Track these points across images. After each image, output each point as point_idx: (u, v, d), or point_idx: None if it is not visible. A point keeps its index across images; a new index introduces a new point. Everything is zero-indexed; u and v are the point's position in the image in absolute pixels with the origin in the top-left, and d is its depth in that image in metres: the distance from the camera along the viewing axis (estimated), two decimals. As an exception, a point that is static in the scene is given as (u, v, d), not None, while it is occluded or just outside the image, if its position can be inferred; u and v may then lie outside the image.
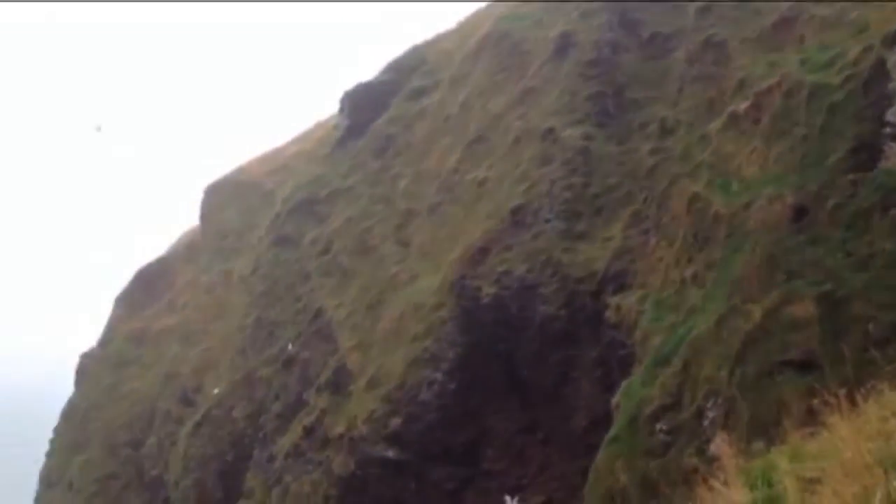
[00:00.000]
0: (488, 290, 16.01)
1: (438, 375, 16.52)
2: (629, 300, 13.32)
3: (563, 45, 18.01)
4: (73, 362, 30.85)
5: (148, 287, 29.71)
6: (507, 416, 15.72)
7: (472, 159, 18.75)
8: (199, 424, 22.90)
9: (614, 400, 11.47)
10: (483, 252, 16.55)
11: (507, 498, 14.24)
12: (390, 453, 16.91)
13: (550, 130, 16.51)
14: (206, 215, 30.10)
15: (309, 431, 19.19)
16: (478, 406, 16.05)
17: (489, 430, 15.91)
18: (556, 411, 14.85)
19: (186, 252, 29.76)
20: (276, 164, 29.55)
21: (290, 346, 21.53)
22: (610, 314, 13.59)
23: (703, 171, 13.06)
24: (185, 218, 32.79)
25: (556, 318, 14.82)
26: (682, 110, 15.18)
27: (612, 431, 10.71)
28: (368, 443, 17.22)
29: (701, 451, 8.44)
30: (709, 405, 9.24)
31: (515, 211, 16.18)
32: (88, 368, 29.38)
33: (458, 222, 18.23)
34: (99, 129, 31.82)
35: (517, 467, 15.32)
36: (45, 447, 30.53)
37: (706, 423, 9.13)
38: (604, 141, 16.01)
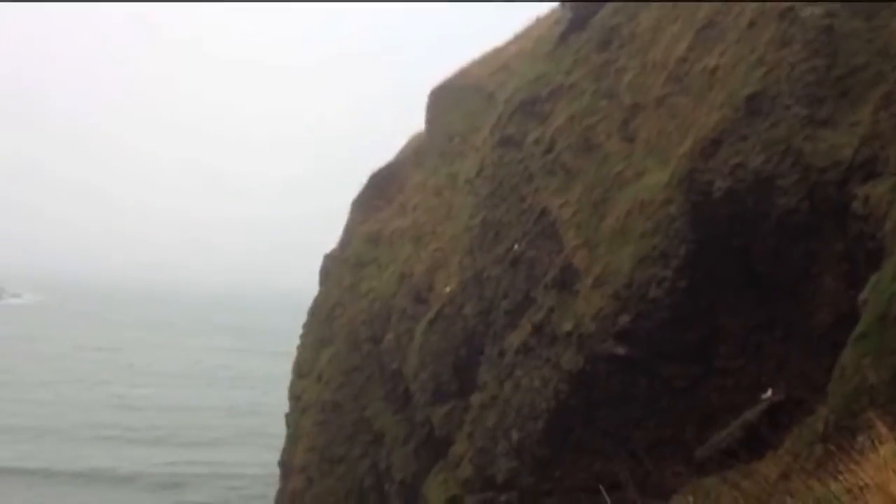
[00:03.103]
0: (721, 184, 15.29)
1: (668, 273, 16.13)
2: (879, 189, 12.27)
3: (803, -85, 16.46)
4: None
5: (381, 191, 30.90)
6: (743, 314, 15.14)
7: (703, 46, 17.72)
8: (432, 321, 23.83)
9: (861, 296, 10.75)
10: (715, 144, 15.76)
11: (769, 391, 13.85)
12: (620, 350, 16.84)
13: (789, 9, 15.23)
14: (431, 119, 30.73)
15: (537, 328, 19.45)
16: (710, 303, 15.58)
17: (723, 328, 15.43)
18: (795, 308, 14.12)
19: (414, 156, 30.59)
20: (497, 65, 29.47)
21: (515, 246, 21.76)
22: (857, 205, 12.59)
23: (966, 43, 11.70)
24: (414, 123, 33.61)
25: (796, 210, 13.95)
26: (941, -23, 13.55)
27: (860, 328, 10.07)
28: (597, 340, 17.23)
29: (964, 348, 7.82)
30: (972, 300, 8.47)
31: (751, 98, 15.18)
32: (331, 269, 31.21)
33: (688, 114, 17.43)
34: None
35: (753, 365, 14.81)
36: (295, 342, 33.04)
37: (969, 318, 8.39)
38: (849, 17, 14.56)
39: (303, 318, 32.80)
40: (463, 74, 31.30)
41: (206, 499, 47.03)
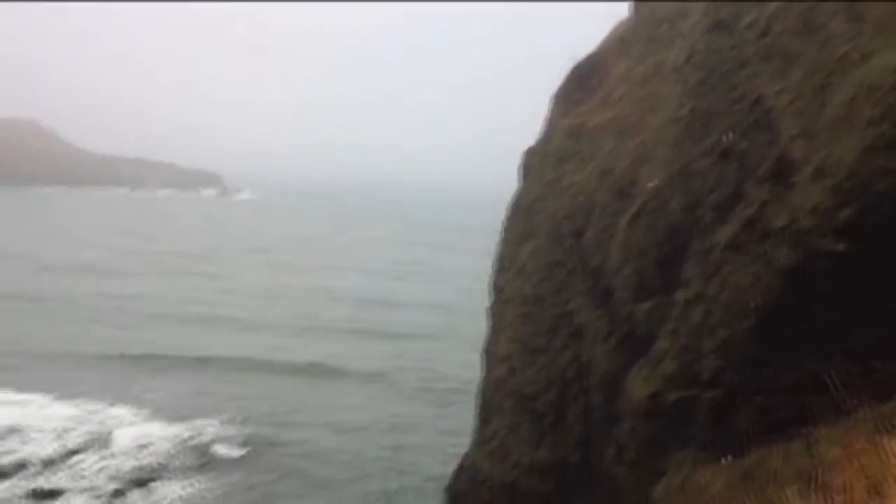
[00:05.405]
0: (962, 65, 13.90)
1: (898, 163, 14.97)
2: None
3: None
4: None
5: (582, 83, 30.12)
6: None
7: None
8: (635, 217, 23.36)
9: None
10: (956, 21, 14.28)
11: None
12: (839, 247, 15.94)
13: None
14: (638, 5, 29.49)
15: (748, 223, 18.71)
16: (947, 196, 14.37)
17: (960, 223, 14.23)
18: None
19: (618, 45, 29.51)
20: (709, -55, 27.73)
21: (726, 137, 20.85)
22: None
23: None
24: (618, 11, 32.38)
25: None
26: None
27: None
28: (814, 236, 16.39)
29: None
30: None
31: None
32: (532, 164, 31.04)
33: (926, -12, 15.82)
34: None
35: None
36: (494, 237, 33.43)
37: None
38: None
39: (502, 215, 33.06)
40: (672, -44, 29.69)
41: (407, 389, 49.07)
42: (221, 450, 37.36)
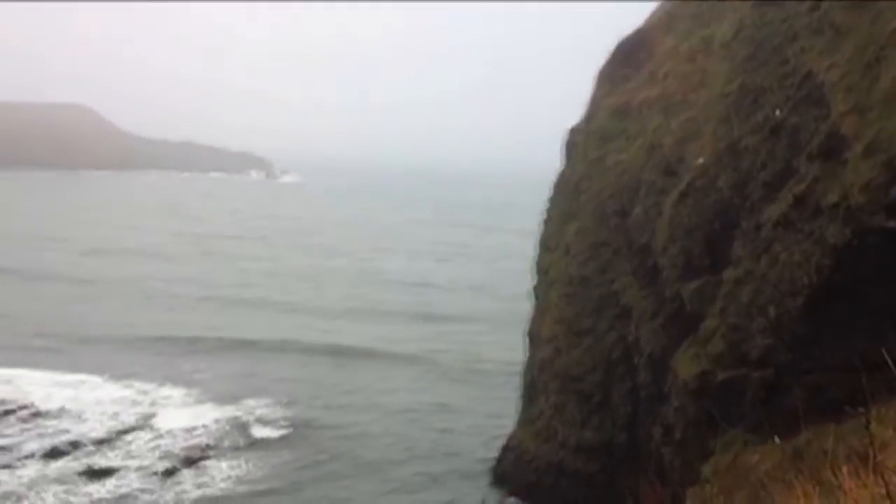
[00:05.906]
0: None
1: (955, 137, 14.59)
2: None
3: None
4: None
5: (628, 60, 29.76)
6: None
7: None
8: (683, 195, 23.09)
9: None
10: None
11: None
12: (892, 223, 15.64)
13: None
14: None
15: (799, 200, 18.40)
16: None
17: None
18: None
19: (665, 21, 29.09)
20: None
21: (776, 112, 20.48)
22: None
23: None
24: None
25: None
26: None
27: None
28: (866, 212, 16.07)
29: None
30: None
31: None
32: (576, 143, 30.76)
33: None
34: None
35: None
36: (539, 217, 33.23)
37: None
38: None
39: (545, 195, 32.82)
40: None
41: (451, 371, 49.00)
42: (269, 431, 37.77)
